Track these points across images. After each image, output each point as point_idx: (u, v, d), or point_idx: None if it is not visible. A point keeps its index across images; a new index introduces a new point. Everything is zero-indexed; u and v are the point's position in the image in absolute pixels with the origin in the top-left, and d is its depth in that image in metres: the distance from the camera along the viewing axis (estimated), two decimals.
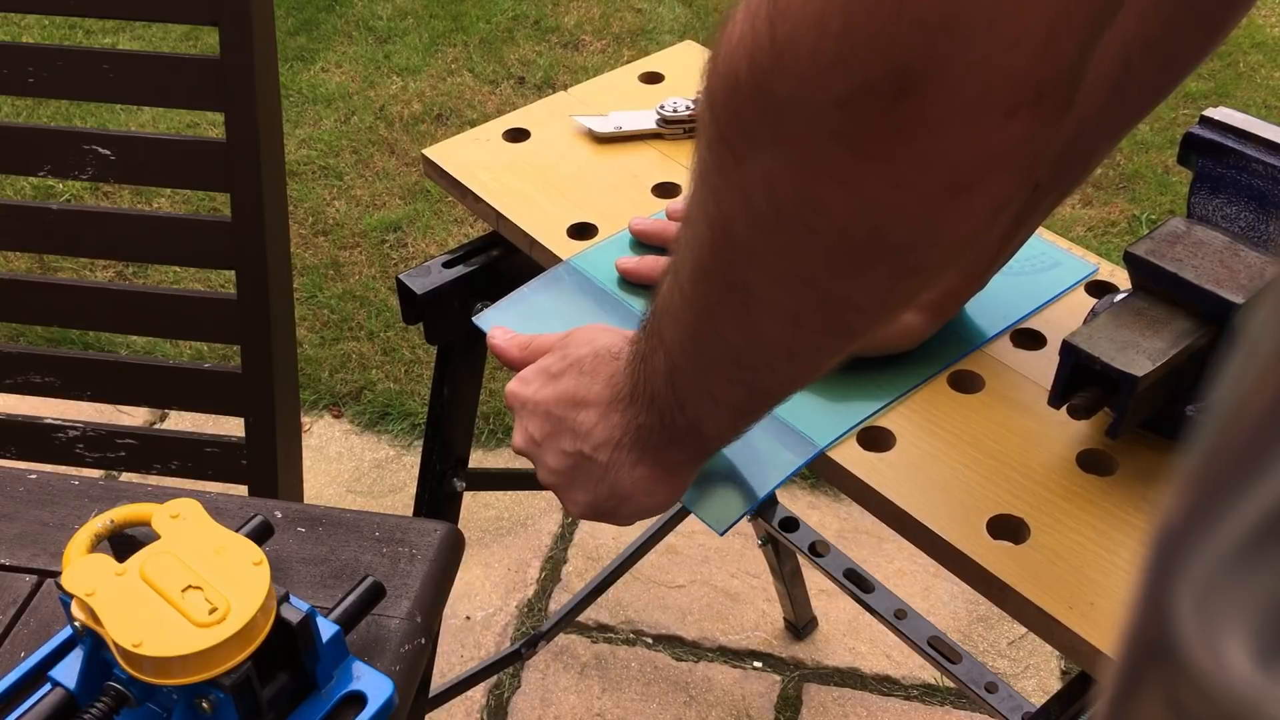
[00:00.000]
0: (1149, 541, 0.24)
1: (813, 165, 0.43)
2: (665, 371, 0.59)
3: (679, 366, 0.58)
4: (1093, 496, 0.72)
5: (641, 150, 1.01)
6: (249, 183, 1.06)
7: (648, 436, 0.63)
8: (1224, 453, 0.21)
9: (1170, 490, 0.23)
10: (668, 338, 0.57)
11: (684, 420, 0.61)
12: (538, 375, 0.70)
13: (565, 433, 0.67)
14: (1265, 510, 0.20)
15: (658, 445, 0.64)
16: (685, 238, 0.53)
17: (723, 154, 0.46)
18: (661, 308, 0.57)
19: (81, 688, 0.61)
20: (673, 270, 0.55)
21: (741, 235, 0.48)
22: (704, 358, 0.56)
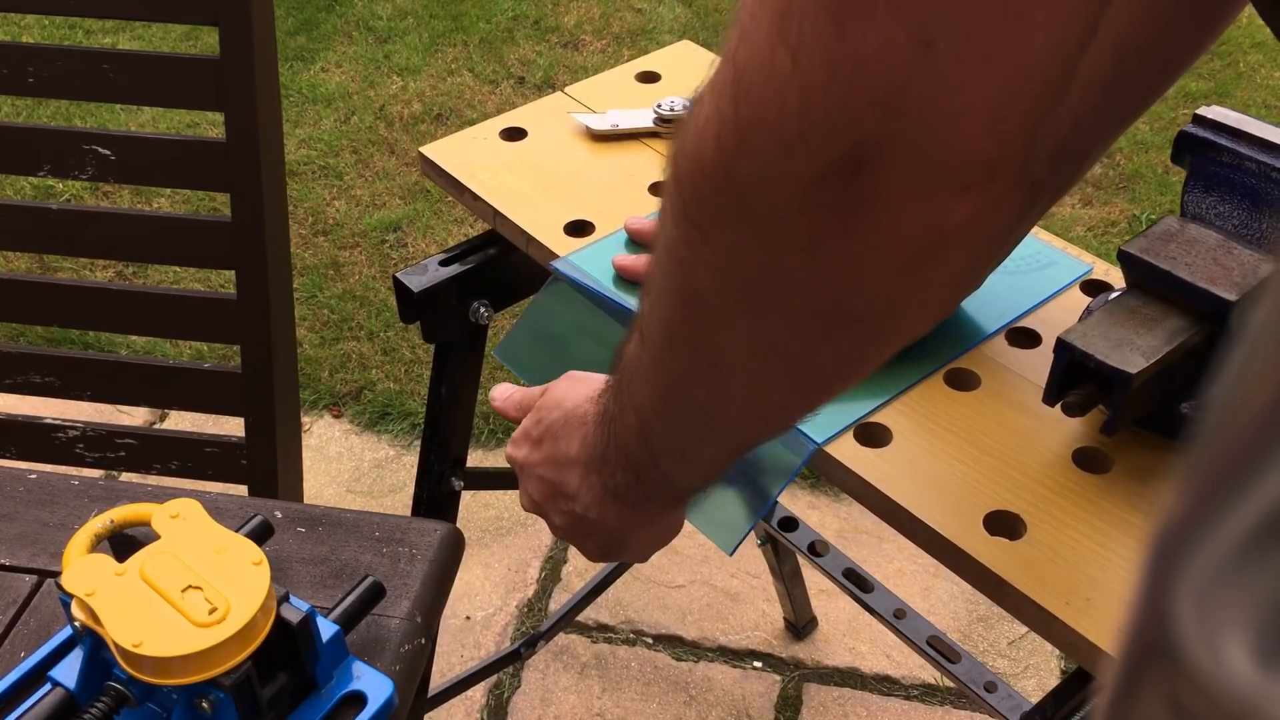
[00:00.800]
0: (1148, 540, 0.24)
1: (779, 240, 0.43)
2: (637, 431, 0.60)
3: (651, 426, 0.59)
4: (1088, 493, 0.73)
5: (639, 150, 1.01)
6: (249, 183, 1.06)
7: (626, 493, 0.65)
8: (1223, 452, 0.21)
9: (1169, 489, 0.23)
10: (638, 398, 0.59)
11: (658, 475, 0.62)
12: (524, 439, 0.72)
13: (558, 495, 0.69)
14: (1265, 510, 0.20)
15: (637, 500, 0.66)
16: (652, 303, 0.54)
17: (689, 231, 0.47)
18: (629, 370, 0.58)
19: (81, 688, 0.61)
20: (638, 333, 0.56)
21: (711, 304, 0.49)
22: (675, 417, 0.57)
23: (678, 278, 0.50)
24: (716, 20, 2.89)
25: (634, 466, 0.63)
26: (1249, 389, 0.21)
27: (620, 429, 0.62)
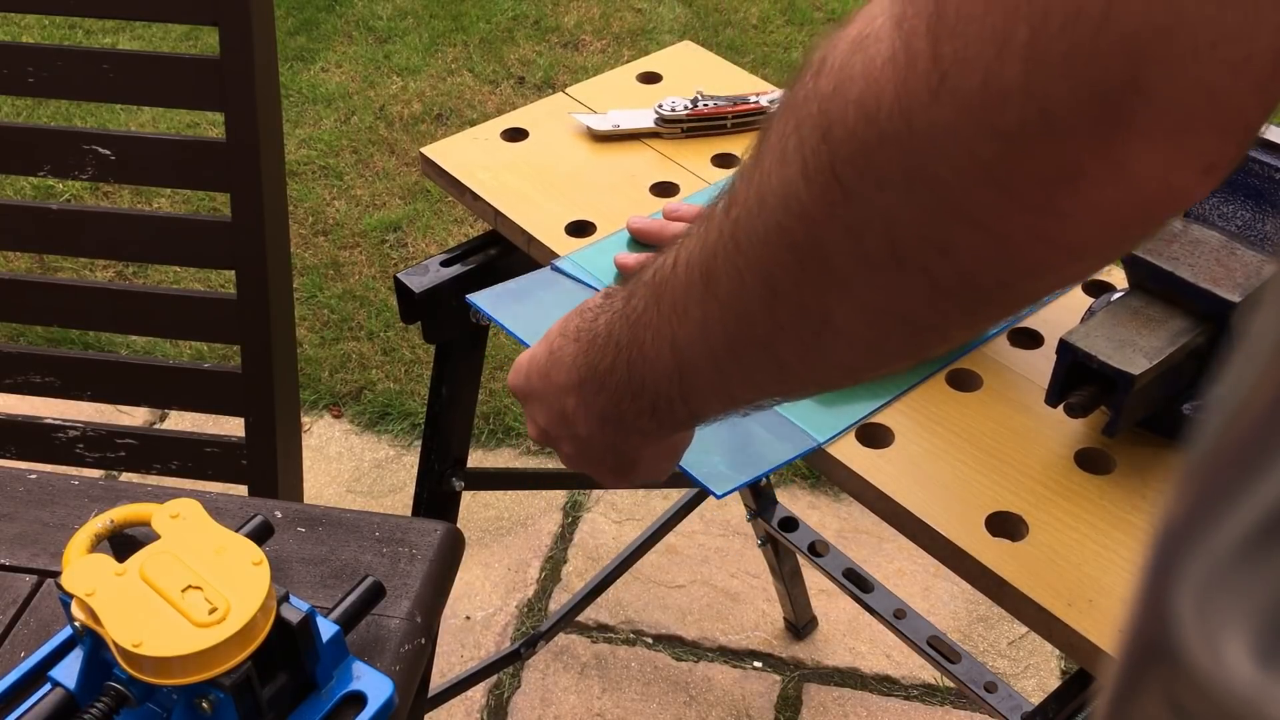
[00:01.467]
0: (1149, 541, 0.24)
1: (950, 210, 0.38)
2: (671, 369, 0.56)
3: (696, 368, 0.55)
4: (1090, 494, 0.72)
5: (640, 149, 1.01)
6: (249, 183, 1.06)
7: (632, 420, 0.62)
8: (1224, 453, 0.21)
9: (1170, 490, 0.23)
10: (683, 339, 0.55)
11: (683, 411, 0.59)
12: (528, 364, 0.69)
13: (561, 421, 0.67)
14: (1265, 510, 0.20)
15: (642, 428, 0.62)
16: (733, 249, 0.49)
17: (829, 188, 0.41)
18: (671, 306, 0.55)
19: (81, 688, 0.61)
20: (697, 275, 0.52)
21: (839, 269, 0.44)
22: (739, 367, 0.54)
23: (797, 235, 0.44)
24: (716, 20, 2.89)
25: (650, 398, 0.59)
26: (1250, 390, 0.21)
27: (638, 361, 0.58)
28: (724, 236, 0.50)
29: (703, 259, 0.51)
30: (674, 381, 0.57)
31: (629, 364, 0.59)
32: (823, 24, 2.88)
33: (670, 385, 0.57)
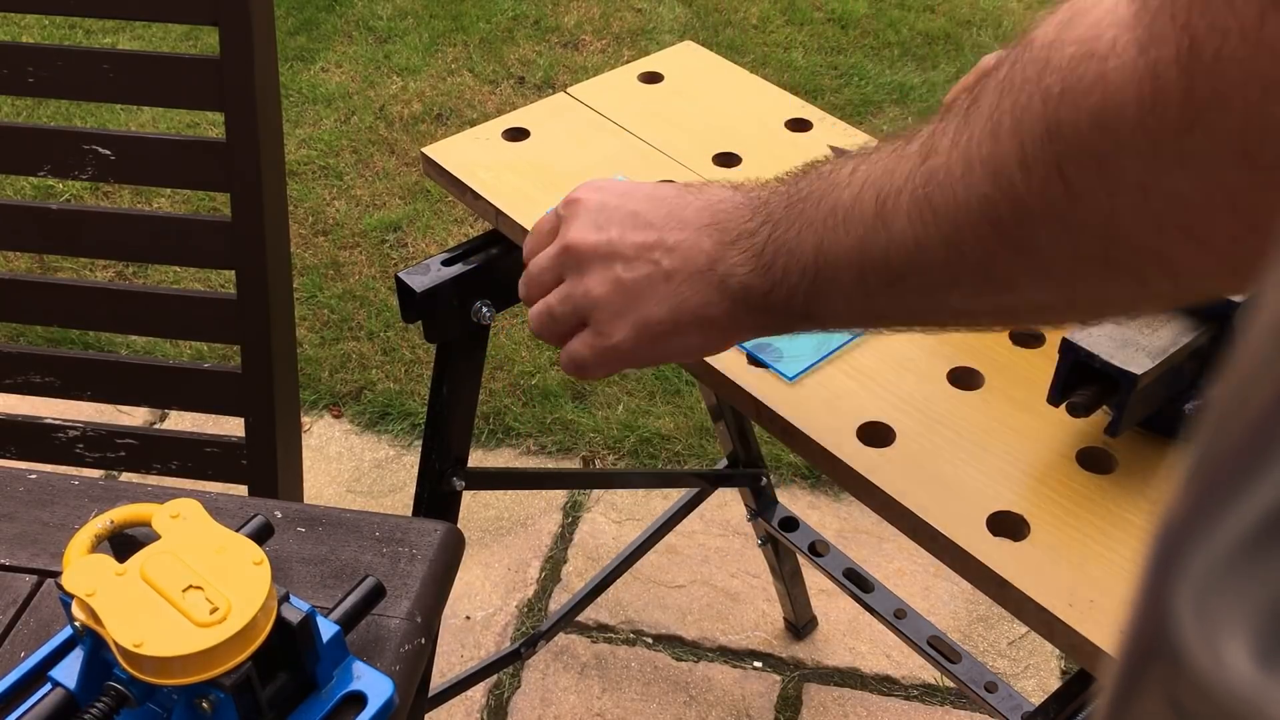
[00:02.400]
0: (1149, 540, 0.24)
1: (1180, 226, 0.39)
2: (808, 265, 0.56)
3: (836, 278, 0.55)
4: (1092, 494, 0.72)
5: (639, 148, 1.01)
6: (249, 183, 1.06)
7: (743, 293, 0.60)
8: (1224, 451, 0.21)
9: (1170, 488, 0.23)
10: (829, 246, 0.55)
11: (801, 305, 0.58)
12: (570, 227, 0.65)
13: (627, 253, 0.63)
14: (1266, 509, 0.20)
15: (750, 306, 0.60)
16: (928, 202, 0.49)
17: (1051, 181, 0.43)
18: (827, 211, 0.55)
19: (81, 688, 0.61)
20: (868, 195, 0.52)
21: (1044, 254, 0.45)
22: (892, 295, 0.54)
23: (1003, 212, 0.45)
24: (716, 20, 2.89)
25: (775, 276, 0.58)
26: (1250, 389, 0.21)
27: (781, 240, 0.57)
28: (913, 179, 0.50)
29: (882, 186, 0.52)
30: (805, 275, 0.57)
31: (770, 237, 0.58)
32: (823, 24, 2.88)
33: (800, 278, 0.57)
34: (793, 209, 0.57)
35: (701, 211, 0.62)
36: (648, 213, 0.63)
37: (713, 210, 0.61)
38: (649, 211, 0.63)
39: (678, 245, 0.61)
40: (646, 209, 0.63)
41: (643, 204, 0.64)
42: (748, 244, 0.59)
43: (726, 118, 1.04)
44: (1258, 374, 0.21)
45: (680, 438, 1.93)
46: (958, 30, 2.86)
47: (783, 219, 0.58)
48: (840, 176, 0.55)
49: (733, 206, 0.61)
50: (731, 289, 0.60)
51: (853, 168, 0.55)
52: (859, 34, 2.84)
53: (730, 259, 0.60)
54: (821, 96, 2.61)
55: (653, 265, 0.62)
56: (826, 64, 2.75)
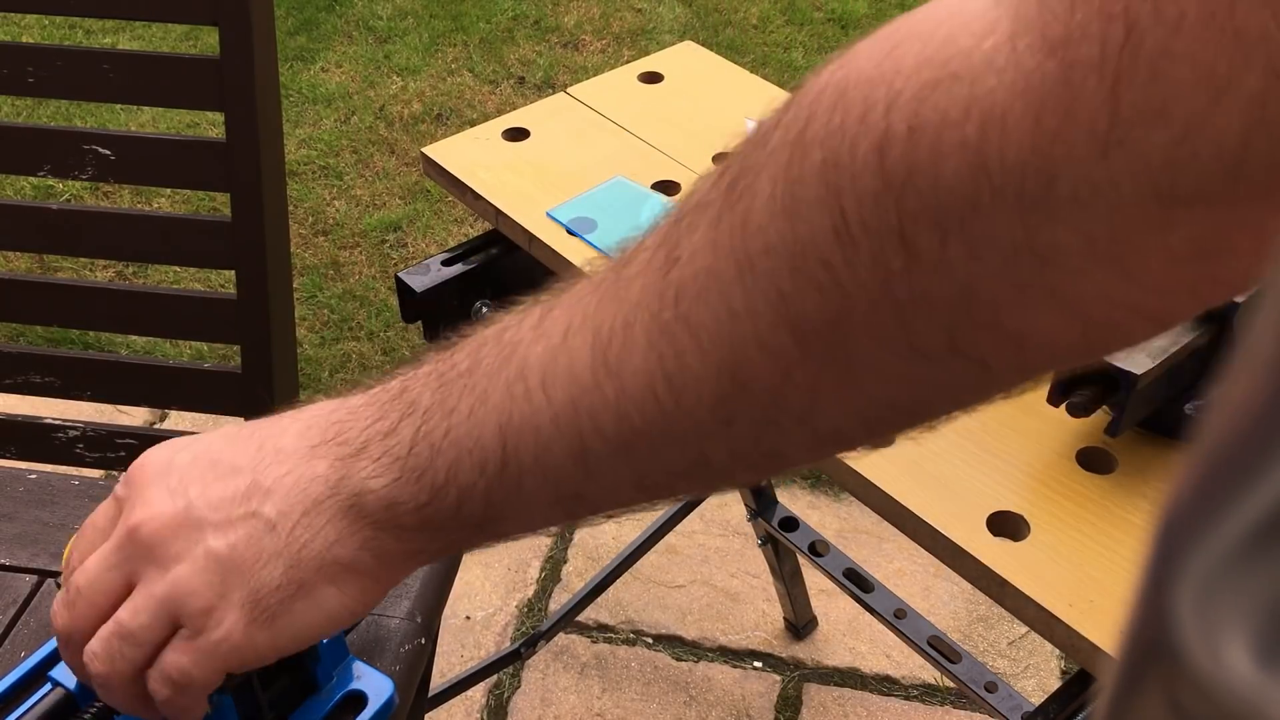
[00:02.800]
0: (1149, 539, 0.24)
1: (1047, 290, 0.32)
2: (490, 452, 0.43)
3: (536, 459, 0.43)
4: (1092, 494, 0.72)
5: (639, 147, 1.01)
6: (249, 183, 1.06)
7: (386, 514, 0.46)
8: (1224, 450, 0.21)
9: (1170, 488, 0.23)
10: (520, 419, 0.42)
11: (480, 511, 0.45)
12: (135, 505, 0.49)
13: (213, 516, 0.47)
14: (1266, 509, 0.20)
15: (399, 527, 0.46)
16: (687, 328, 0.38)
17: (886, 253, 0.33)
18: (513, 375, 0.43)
19: (81, 688, 0.61)
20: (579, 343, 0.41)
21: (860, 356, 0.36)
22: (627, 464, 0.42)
23: (808, 308, 0.36)
24: (716, 20, 2.89)
25: (434, 483, 0.45)
26: (1250, 389, 0.21)
27: (437, 433, 0.44)
28: (647, 304, 0.39)
29: (598, 326, 0.40)
30: (487, 470, 0.44)
31: (419, 433, 0.45)
32: (823, 24, 2.88)
33: (479, 474, 0.44)
34: (450, 389, 0.45)
35: (305, 432, 0.48)
36: (231, 456, 0.48)
37: (321, 426, 0.48)
38: (232, 455, 0.49)
39: (278, 483, 0.47)
40: (228, 453, 0.49)
41: (223, 448, 0.49)
42: (381, 449, 0.46)
43: (726, 118, 1.04)
44: (1258, 374, 0.21)
45: None
46: None
47: (434, 405, 0.45)
48: (521, 333, 0.43)
49: (349, 411, 0.48)
50: (369, 510, 0.46)
51: (539, 315, 0.43)
52: (859, 34, 2.83)
53: (359, 474, 0.46)
54: None
55: (250, 519, 0.47)
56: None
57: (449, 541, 0.48)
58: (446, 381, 0.45)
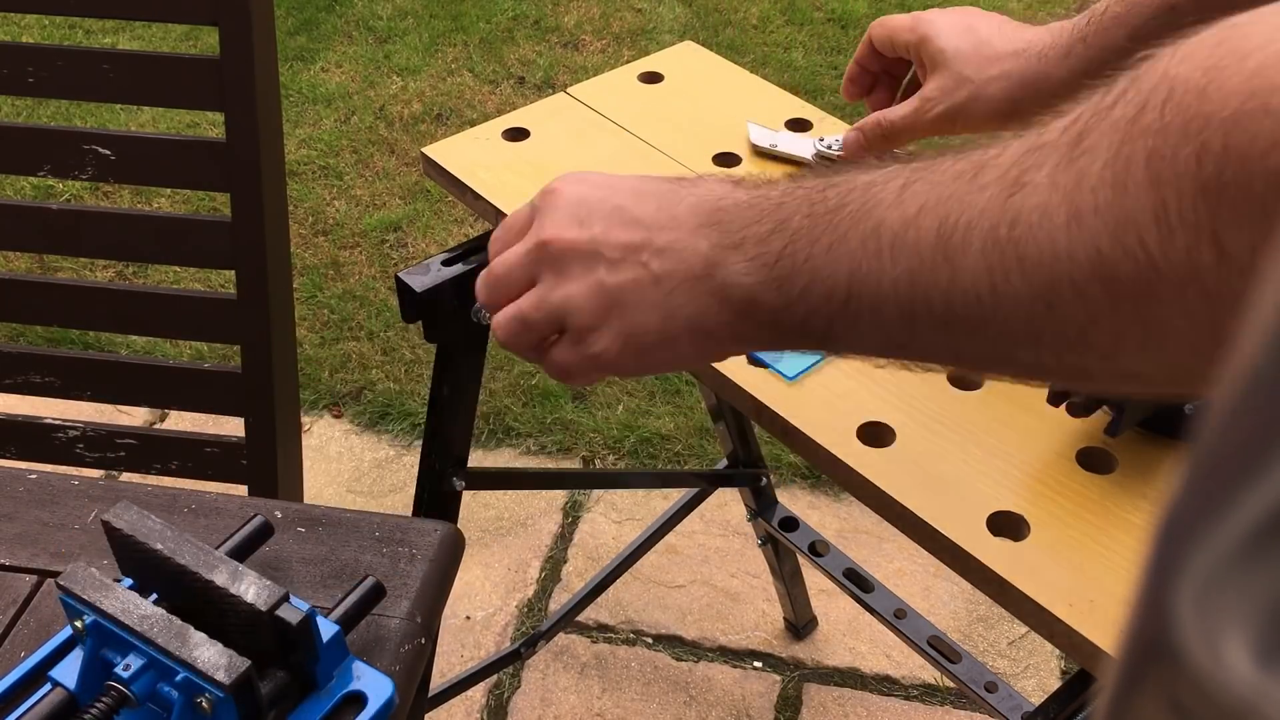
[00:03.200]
0: (1149, 539, 0.24)
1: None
2: (838, 289, 0.50)
3: (875, 310, 0.49)
4: (1092, 494, 0.72)
5: (639, 147, 1.01)
6: (249, 183, 1.06)
7: (746, 306, 0.54)
8: (1224, 450, 0.21)
9: (1170, 488, 0.23)
10: (866, 273, 0.48)
11: (820, 327, 0.52)
12: (548, 219, 0.59)
13: (612, 254, 0.56)
14: (1266, 509, 0.20)
15: (755, 320, 0.54)
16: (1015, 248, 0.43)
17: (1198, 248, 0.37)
18: (868, 232, 0.48)
19: (81, 688, 0.61)
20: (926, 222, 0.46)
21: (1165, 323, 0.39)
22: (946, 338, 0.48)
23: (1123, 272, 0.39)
24: (716, 20, 2.89)
25: (790, 295, 0.52)
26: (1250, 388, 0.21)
27: (801, 256, 0.51)
28: (990, 215, 0.44)
29: (946, 215, 0.46)
30: (833, 300, 0.50)
31: (786, 249, 0.52)
32: (823, 23, 2.88)
33: (826, 302, 0.51)
34: (817, 220, 0.51)
35: (697, 208, 0.55)
36: (634, 208, 0.57)
37: (711, 207, 0.55)
38: (636, 206, 0.57)
39: (669, 246, 0.55)
40: (633, 204, 0.57)
41: (629, 198, 0.57)
42: (755, 250, 0.53)
43: (726, 118, 1.04)
44: (1258, 373, 0.21)
45: (680, 438, 1.93)
46: None
47: (802, 229, 0.51)
48: (884, 193, 0.49)
49: (735, 205, 0.55)
50: (733, 300, 0.54)
51: (902, 184, 0.48)
52: (859, 34, 2.84)
53: (732, 264, 0.54)
54: (821, 96, 2.61)
55: (640, 268, 0.56)
56: (826, 64, 2.75)
57: (790, 343, 0.55)
58: (815, 214, 0.51)
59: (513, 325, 0.61)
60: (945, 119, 0.78)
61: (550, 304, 0.59)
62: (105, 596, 0.60)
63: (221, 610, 0.60)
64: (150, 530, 0.63)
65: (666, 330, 0.56)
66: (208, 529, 0.74)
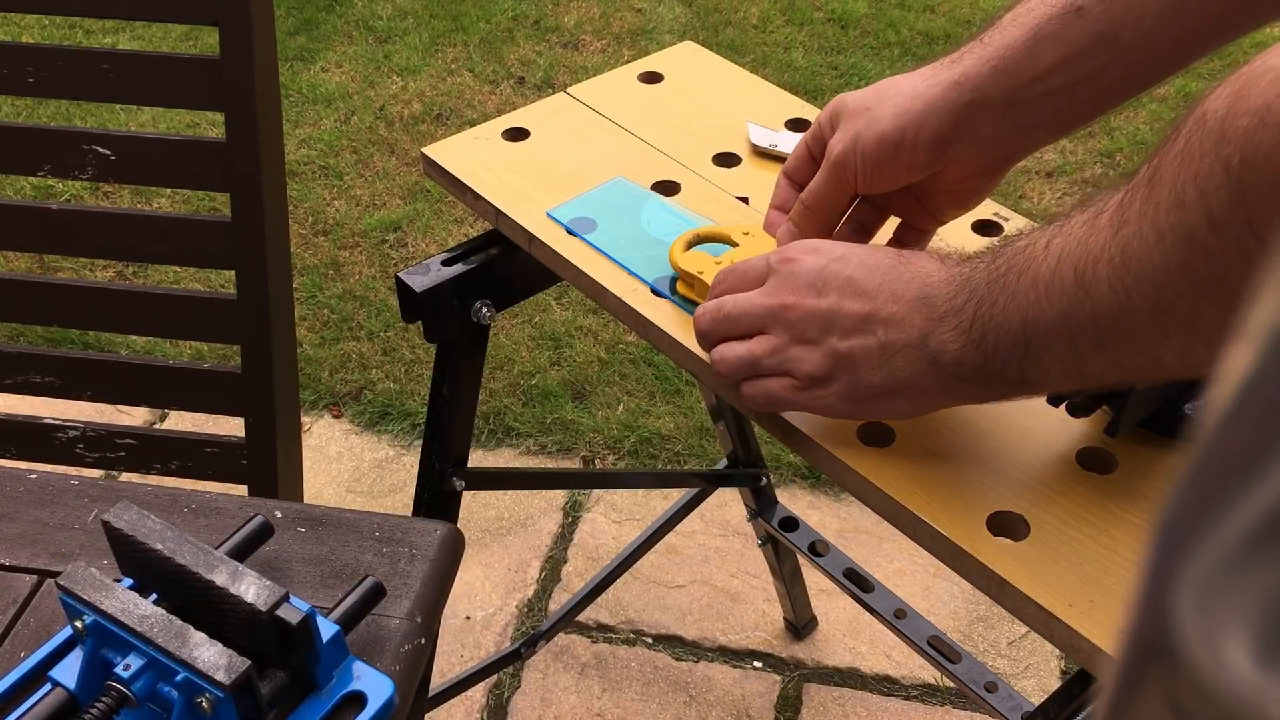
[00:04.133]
0: (1149, 539, 0.24)
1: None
2: (1017, 337, 0.60)
3: (1048, 346, 0.59)
4: (1092, 494, 0.72)
5: (639, 147, 1.01)
6: (249, 183, 1.06)
7: (956, 368, 0.64)
8: (1224, 450, 0.21)
9: (1170, 488, 0.23)
10: (1034, 317, 0.59)
11: (1016, 374, 0.62)
12: (790, 284, 0.69)
13: (868, 321, 0.66)
14: (1266, 509, 0.20)
15: (963, 379, 0.64)
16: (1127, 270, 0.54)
17: (1244, 241, 0.47)
18: (1028, 283, 0.59)
19: (81, 688, 0.61)
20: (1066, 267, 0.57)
21: None
22: (1107, 357, 0.58)
23: (1201, 271, 0.50)
24: (716, 20, 2.89)
25: (986, 350, 0.62)
26: (1250, 388, 0.21)
27: (986, 315, 0.62)
28: (1109, 249, 0.55)
29: (1079, 258, 0.56)
30: (1016, 347, 0.61)
31: (977, 314, 0.62)
32: (823, 24, 2.88)
33: (1011, 350, 0.61)
34: (994, 284, 0.61)
35: (911, 284, 0.65)
36: (863, 280, 0.67)
37: (921, 284, 0.65)
38: (865, 279, 0.67)
39: (891, 318, 0.65)
40: (862, 276, 0.67)
41: (859, 270, 0.67)
42: (955, 321, 0.63)
43: (726, 118, 1.04)
44: (1258, 373, 0.21)
45: (680, 438, 1.93)
46: (958, 30, 2.86)
47: (985, 295, 0.62)
48: (1036, 251, 0.59)
49: (940, 281, 0.65)
50: (944, 364, 0.64)
51: (1046, 241, 0.59)
52: (859, 34, 2.84)
53: (940, 335, 0.64)
54: (821, 96, 2.61)
55: (868, 335, 0.66)
56: (826, 64, 2.75)
57: (993, 392, 0.65)
58: (993, 279, 0.62)
59: (740, 364, 0.71)
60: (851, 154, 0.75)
61: (784, 357, 0.70)
62: (105, 596, 0.60)
63: (221, 610, 0.61)
64: (150, 530, 0.63)
65: (891, 387, 0.67)
66: (208, 529, 0.74)
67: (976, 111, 0.71)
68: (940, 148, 0.72)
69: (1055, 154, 2.44)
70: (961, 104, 0.71)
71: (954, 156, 0.73)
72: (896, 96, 0.74)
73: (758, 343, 0.71)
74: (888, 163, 0.74)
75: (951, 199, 0.78)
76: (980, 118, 0.71)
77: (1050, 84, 0.69)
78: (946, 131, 0.71)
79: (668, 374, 2.02)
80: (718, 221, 0.91)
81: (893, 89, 0.75)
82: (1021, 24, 0.70)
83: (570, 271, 0.91)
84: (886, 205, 0.81)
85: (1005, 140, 0.72)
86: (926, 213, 0.80)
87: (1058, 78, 0.69)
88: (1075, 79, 0.69)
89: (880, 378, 0.67)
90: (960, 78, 0.71)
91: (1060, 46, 0.68)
